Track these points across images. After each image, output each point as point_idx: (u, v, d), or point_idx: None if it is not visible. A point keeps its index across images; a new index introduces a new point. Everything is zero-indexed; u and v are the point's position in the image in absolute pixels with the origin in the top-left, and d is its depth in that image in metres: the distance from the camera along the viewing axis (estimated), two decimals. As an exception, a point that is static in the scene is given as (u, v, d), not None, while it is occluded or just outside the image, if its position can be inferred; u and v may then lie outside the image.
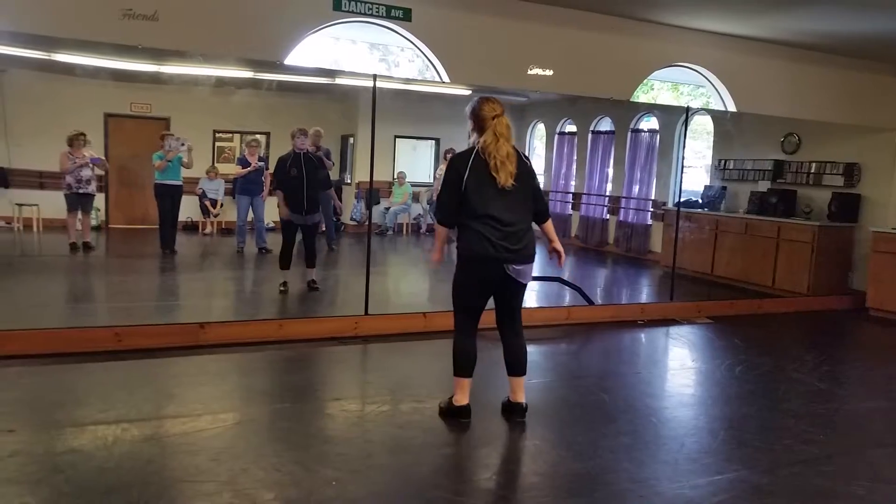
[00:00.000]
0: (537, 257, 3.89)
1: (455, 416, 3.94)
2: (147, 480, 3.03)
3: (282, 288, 7.00)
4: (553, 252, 4.09)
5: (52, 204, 9.88)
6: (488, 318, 3.98)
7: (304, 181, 6.85)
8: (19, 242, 10.05)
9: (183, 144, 9.15)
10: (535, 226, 3.96)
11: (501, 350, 4.00)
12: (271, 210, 10.10)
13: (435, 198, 3.83)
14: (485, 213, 3.71)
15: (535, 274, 4.07)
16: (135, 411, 3.87)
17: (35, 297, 6.71)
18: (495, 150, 3.70)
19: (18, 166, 10.84)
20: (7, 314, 5.56)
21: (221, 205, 11.51)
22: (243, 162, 9.64)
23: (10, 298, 6.53)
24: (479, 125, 3.78)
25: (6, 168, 10.86)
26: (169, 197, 9.17)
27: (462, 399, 3.93)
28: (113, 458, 3.25)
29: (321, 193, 7.33)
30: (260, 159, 9.69)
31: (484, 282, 3.82)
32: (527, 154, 3.87)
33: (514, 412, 4.00)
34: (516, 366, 3.98)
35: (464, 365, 3.90)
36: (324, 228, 9.55)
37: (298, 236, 7.07)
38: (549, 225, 4.06)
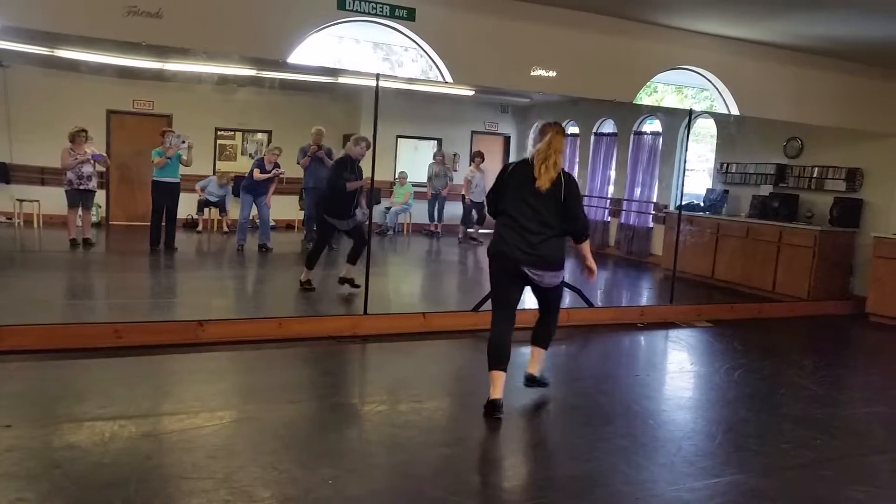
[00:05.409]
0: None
1: (486, 409, 4.00)
2: (144, 476, 3.03)
3: (307, 286, 6.98)
4: (585, 269, 4.38)
5: (52, 200, 9.87)
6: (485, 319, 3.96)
7: (357, 189, 6.94)
8: (20, 238, 10.05)
9: (184, 142, 9.13)
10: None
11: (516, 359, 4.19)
12: (275, 210, 10.21)
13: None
14: (506, 211, 4.04)
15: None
16: (133, 408, 3.88)
17: (35, 292, 6.70)
18: (544, 155, 4.01)
19: (20, 162, 10.84)
20: (7, 309, 5.56)
21: (226, 210, 11.56)
22: (260, 165, 9.69)
23: (10, 294, 6.53)
24: (540, 138, 4.12)
25: (7, 163, 10.84)
26: (166, 194, 9.13)
27: (492, 393, 4.00)
28: (110, 453, 3.25)
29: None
30: (275, 166, 9.73)
31: (503, 275, 4.07)
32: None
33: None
34: (535, 338, 4.36)
35: (490, 356, 4.05)
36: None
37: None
38: (585, 246, 4.26)
